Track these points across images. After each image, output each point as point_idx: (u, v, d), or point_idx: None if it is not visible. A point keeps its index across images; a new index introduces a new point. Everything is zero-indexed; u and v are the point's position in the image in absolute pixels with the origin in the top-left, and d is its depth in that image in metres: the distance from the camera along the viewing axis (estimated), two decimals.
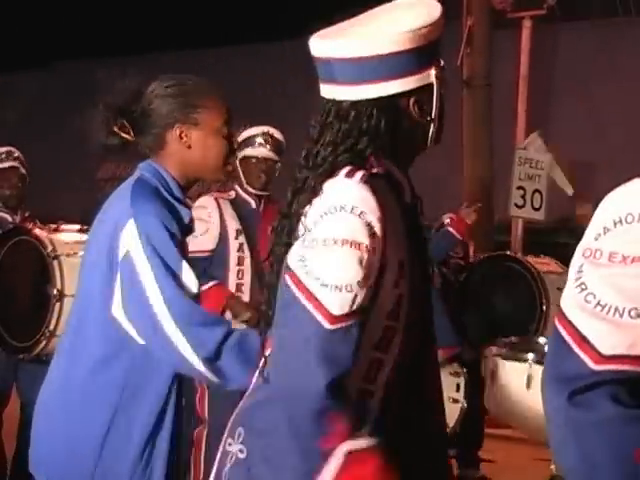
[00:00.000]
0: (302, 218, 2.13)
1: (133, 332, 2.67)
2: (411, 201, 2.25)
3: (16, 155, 5.90)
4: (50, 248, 4.54)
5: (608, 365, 1.66)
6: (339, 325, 2.00)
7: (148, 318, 2.61)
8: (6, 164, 5.83)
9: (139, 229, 2.64)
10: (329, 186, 2.11)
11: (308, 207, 2.12)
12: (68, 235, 4.84)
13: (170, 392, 2.72)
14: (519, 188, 9.90)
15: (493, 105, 11.12)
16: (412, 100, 2.20)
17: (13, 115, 18.87)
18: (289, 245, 2.14)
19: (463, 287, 7.15)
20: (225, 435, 2.18)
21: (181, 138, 2.84)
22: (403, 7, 2.25)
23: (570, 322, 1.70)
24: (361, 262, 2.03)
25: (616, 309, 1.67)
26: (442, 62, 2.25)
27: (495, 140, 11.04)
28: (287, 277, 2.07)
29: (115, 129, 2.87)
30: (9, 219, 5.72)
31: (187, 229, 2.81)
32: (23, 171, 5.86)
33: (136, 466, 2.68)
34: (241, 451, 2.13)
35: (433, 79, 2.21)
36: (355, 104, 2.17)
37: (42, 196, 5.93)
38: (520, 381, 5.03)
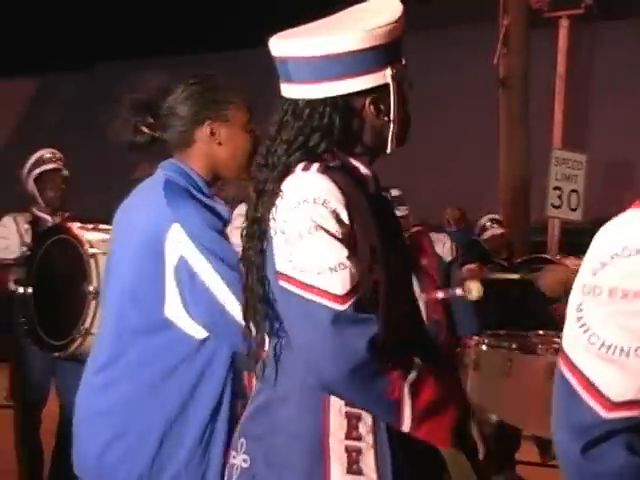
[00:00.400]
0: (271, 222, 2.16)
1: (191, 330, 2.67)
2: (376, 192, 2.26)
3: (58, 156, 5.96)
4: (87, 246, 4.57)
5: (619, 412, 1.60)
6: (349, 302, 2.05)
7: (216, 310, 2.62)
8: (50, 166, 5.88)
9: (188, 233, 2.64)
10: (288, 184, 2.15)
11: (274, 210, 2.15)
12: (105, 234, 4.87)
13: (226, 383, 2.70)
14: (556, 188, 9.86)
15: (530, 105, 11.07)
16: (368, 100, 2.21)
17: (52, 116, 19.03)
18: (263, 251, 2.18)
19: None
20: (230, 450, 2.25)
21: (212, 135, 2.83)
22: (366, 9, 2.26)
23: (576, 367, 1.64)
24: (339, 241, 2.08)
25: (622, 349, 1.60)
26: (403, 62, 2.24)
27: (532, 140, 11.00)
28: (281, 282, 2.11)
29: (141, 127, 2.87)
30: (49, 219, 5.78)
31: (226, 224, 2.80)
32: (66, 172, 5.92)
33: (193, 457, 2.67)
34: (245, 461, 2.20)
35: (389, 79, 2.20)
36: (310, 103, 2.19)
37: (81, 196, 5.98)
38: (502, 369, 5.07)
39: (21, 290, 5.03)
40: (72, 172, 6.02)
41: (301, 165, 2.16)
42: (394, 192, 6.36)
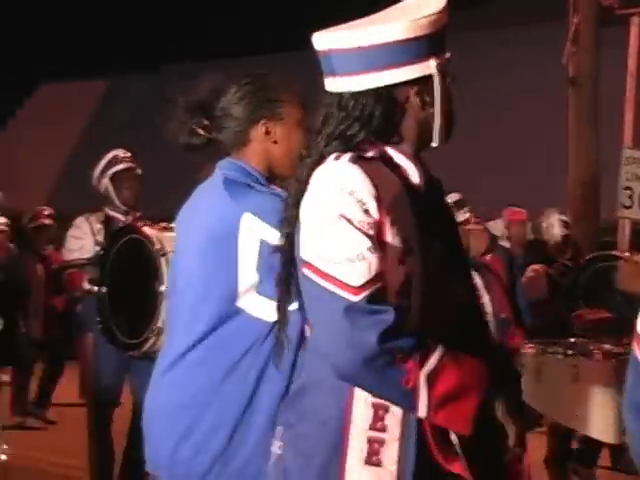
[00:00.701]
0: (300, 209, 2.19)
1: (263, 313, 2.70)
2: (422, 183, 2.24)
3: (131, 156, 6.02)
4: (158, 246, 4.61)
5: None
6: (363, 293, 2.06)
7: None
8: (125, 165, 5.94)
9: (262, 218, 2.68)
10: (318, 173, 2.17)
11: (303, 197, 2.18)
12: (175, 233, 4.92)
13: (293, 367, 2.70)
14: (626, 188, 9.72)
15: (600, 104, 10.94)
16: (413, 91, 2.20)
17: (122, 116, 19.23)
18: (290, 235, 2.21)
19: (573, 288, 7.08)
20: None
21: (267, 133, 2.86)
22: (412, 3, 2.25)
23: None
24: (361, 232, 2.08)
25: None
26: (447, 55, 2.23)
27: (601, 139, 10.86)
28: (304, 269, 2.13)
29: (196, 129, 2.90)
30: (122, 219, 5.84)
31: None
32: (139, 171, 5.98)
33: (263, 441, 2.65)
34: (279, 447, 2.23)
35: (433, 70, 2.19)
36: (354, 95, 2.20)
37: (150, 197, 6.04)
38: (568, 375, 5.01)
39: (95, 289, 5.10)
40: (142, 171, 6.07)
41: (334, 155, 2.17)
42: (453, 196, 6.31)
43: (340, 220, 2.09)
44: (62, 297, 8.19)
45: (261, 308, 2.71)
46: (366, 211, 2.10)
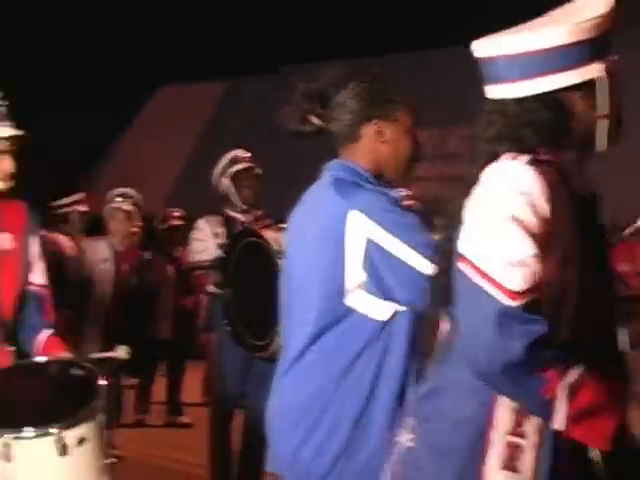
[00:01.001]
0: (466, 209, 2.15)
1: (374, 313, 2.71)
2: (586, 196, 2.21)
3: (250, 156, 6.06)
4: (277, 247, 4.63)
5: None
6: (521, 300, 2.02)
7: (420, 283, 2.62)
8: (244, 165, 5.99)
9: (369, 216, 2.68)
10: (492, 171, 2.13)
11: (467, 197, 2.15)
12: None
13: (408, 363, 2.70)
14: None
15: None
16: (578, 95, 2.17)
17: (239, 118, 19.44)
18: (453, 238, 2.17)
19: None
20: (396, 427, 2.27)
21: (378, 133, 2.86)
22: (576, 5, 2.22)
23: None
24: (529, 237, 2.03)
25: None
26: (614, 57, 2.19)
27: None
28: (460, 264, 2.10)
29: (309, 116, 2.90)
30: (241, 219, 5.88)
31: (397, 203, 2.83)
32: (259, 171, 6.02)
33: (384, 438, 2.65)
34: (410, 440, 2.21)
35: (599, 74, 2.15)
36: (519, 101, 2.17)
37: (267, 197, 6.08)
38: None
39: (220, 292, 5.14)
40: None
41: (509, 155, 2.15)
42: None
43: (510, 221, 2.05)
44: (192, 298, 8.29)
45: (372, 307, 2.72)
46: (538, 216, 2.06)
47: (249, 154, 6.10)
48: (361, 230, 2.69)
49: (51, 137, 13.22)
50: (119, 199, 7.10)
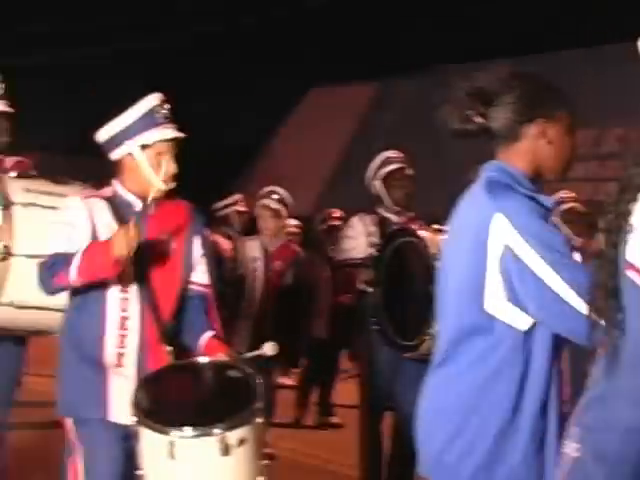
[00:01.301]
0: (633, 216, 2.07)
1: (515, 322, 2.67)
2: None
3: (402, 156, 6.03)
4: (432, 248, 4.59)
5: None
6: None
7: (548, 297, 2.59)
8: (396, 166, 5.97)
9: (512, 222, 2.64)
10: None
11: (634, 203, 2.07)
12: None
13: (552, 370, 2.68)
14: None
15: None
16: None
17: (390, 118, 19.45)
18: (617, 244, 2.10)
19: None
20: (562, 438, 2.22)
21: (541, 133, 2.82)
22: None
23: None
24: None
25: None
26: None
27: None
28: (628, 272, 2.04)
29: (471, 115, 2.86)
30: (395, 220, 5.86)
31: (549, 212, 2.79)
32: (411, 172, 5.98)
33: (530, 447, 2.65)
34: (576, 450, 2.16)
35: None
36: None
37: (419, 198, 6.03)
38: None
39: (370, 290, 5.14)
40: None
41: None
42: None
43: None
44: (346, 295, 8.33)
45: (511, 315, 2.68)
46: None
47: (401, 155, 6.07)
48: (501, 234, 2.66)
49: (205, 138, 13.48)
50: (267, 197, 7.19)
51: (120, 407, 3.54)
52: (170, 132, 3.75)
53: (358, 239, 5.93)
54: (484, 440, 2.68)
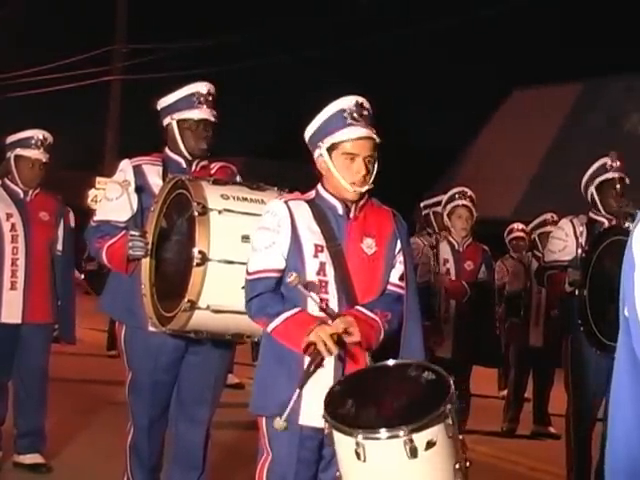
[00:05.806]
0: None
1: None
2: None
3: (619, 164, 5.87)
4: None
5: None
6: None
7: None
8: (611, 175, 5.83)
9: None
10: None
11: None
12: None
13: None
14: None
15: None
16: None
17: (595, 120, 18.95)
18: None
19: None
20: None
21: None
22: None
23: None
24: None
25: None
26: None
27: None
28: None
29: None
30: (605, 223, 5.72)
31: None
32: (627, 181, 5.86)
33: None
34: None
35: None
36: None
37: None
38: None
39: (576, 292, 5.01)
40: None
41: None
42: None
43: None
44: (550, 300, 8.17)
45: None
46: None
47: (618, 163, 5.87)
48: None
49: (409, 140, 13.49)
50: (457, 197, 7.14)
51: (311, 410, 3.51)
52: (356, 131, 3.58)
53: (567, 241, 5.81)
54: None
